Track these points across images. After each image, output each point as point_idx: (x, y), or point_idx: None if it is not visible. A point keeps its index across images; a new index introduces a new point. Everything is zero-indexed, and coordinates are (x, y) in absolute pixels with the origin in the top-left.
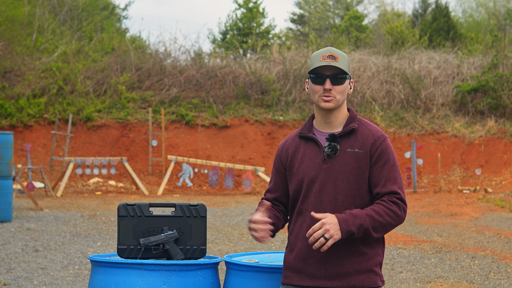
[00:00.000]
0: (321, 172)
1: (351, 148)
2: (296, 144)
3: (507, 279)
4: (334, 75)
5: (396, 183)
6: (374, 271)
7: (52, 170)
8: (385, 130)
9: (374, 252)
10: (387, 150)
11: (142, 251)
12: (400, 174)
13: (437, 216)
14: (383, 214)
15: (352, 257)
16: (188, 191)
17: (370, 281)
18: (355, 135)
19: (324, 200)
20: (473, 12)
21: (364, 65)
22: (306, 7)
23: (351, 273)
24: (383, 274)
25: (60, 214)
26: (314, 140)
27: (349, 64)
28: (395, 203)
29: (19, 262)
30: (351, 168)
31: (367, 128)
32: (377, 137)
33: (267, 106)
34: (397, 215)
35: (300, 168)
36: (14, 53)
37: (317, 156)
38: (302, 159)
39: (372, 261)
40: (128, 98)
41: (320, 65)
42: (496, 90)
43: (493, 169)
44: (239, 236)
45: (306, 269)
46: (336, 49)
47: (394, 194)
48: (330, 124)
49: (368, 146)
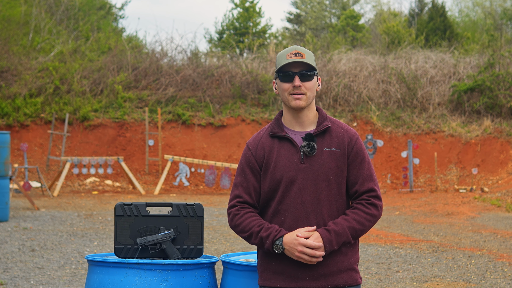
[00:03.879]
0: (300, 172)
1: (328, 147)
2: (269, 143)
3: (503, 279)
4: (302, 71)
5: (372, 180)
6: (355, 269)
7: (49, 169)
8: (382, 130)
9: (352, 250)
10: (362, 148)
11: (139, 250)
12: (374, 170)
13: (434, 215)
14: (364, 221)
15: (334, 257)
16: (185, 191)
17: (352, 279)
18: (330, 134)
19: (306, 201)
20: (470, 11)
21: (361, 65)
22: (303, 7)
23: (334, 273)
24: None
25: (56, 214)
26: (288, 140)
27: (315, 61)
28: (373, 204)
29: (16, 262)
30: (331, 168)
31: (339, 126)
32: (352, 136)
33: (263, 105)
34: (374, 217)
35: (277, 168)
36: (11, 53)
37: (294, 155)
38: (278, 159)
39: (352, 259)
40: (124, 98)
41: (287, 62)
42: (492, 90)
43: (490, 168)
44: (236, 236)
45: (288, 270)
46: (302, 47)
47: (371, 191)
48: (301, 123)
49: (344, 145)
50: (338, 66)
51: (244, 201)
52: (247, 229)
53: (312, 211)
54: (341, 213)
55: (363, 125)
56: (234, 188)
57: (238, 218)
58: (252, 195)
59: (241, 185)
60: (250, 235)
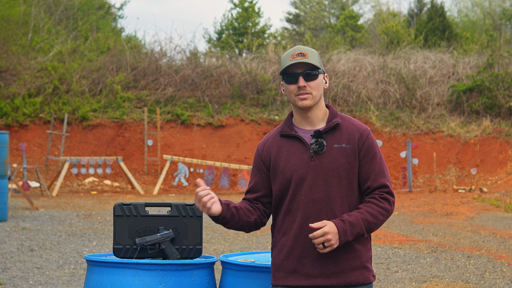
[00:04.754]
0: (310, 169)
1: (338, 143)
2: (278, 143)
3: (502, 279)
4: (306, 71)
5: (385, 176)
6: (367, 267)
7: (48, 169)
8: (381, 130)
9: (365, 248)
10: (373, 143)
11: (138, 250)
12: (386, 166)
13: (433, 215)
14: (377, 214)
15: (347, 254)
16: (184, 191)
17: (364, 277)
18: (340, 130)
19: (316, 198)
20: (469, 11)
21: (360, 65)
22: (302, 7)
23: (346, 270)
24: (378, 273)
25: (55, 214)
26: (298, 138)
27: (320, 59)
28: (385, 199)
29: (15, 262)
30: (341, 164)
31: (350, 122)
32: (362, 131)
33: (262, 105)
34: (388, 211)
35: (287, 167)
36: (10, 53)
37: (303, 153)
38: (288, 158)
39: (364, 257)
40: (123, 98)
41: (290, 63)
42: (491, 90)
43: (489, 168)
44: (235, 236)
45: (301, 268)
46: (305, 46)
47: (384, 187)
48: (311, 121)
49: (355, 141)
50: (337, 66)
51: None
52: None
53: (323, 208)
54: (353, 209)
55: None
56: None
57: None
58: (254, 193)
59: (249, 185)
60: None
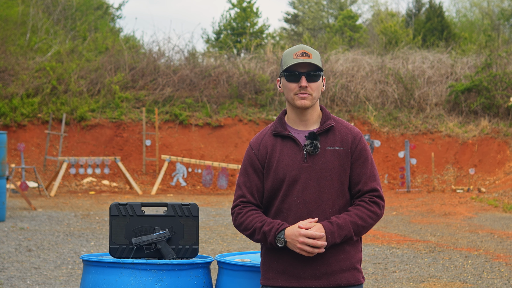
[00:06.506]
0: (303, 171)
1: (331, 146)
2: (272, 142)
3: (500, 279)
4: (309, 72)
5: (375, 180)
6: (357, 268)
7: (46, 169)
8: (379, 130)
9: (355, 249)
10: (365, 147)
11: (134, 250)
12: (377, 170)
13: (431, 215)
14: (366, 217)
15: (337, 256)
16: (182, 191)
17: (354, 278)
18: (333, 133)
19: (308, 200)
20: (467, 12)
21: (358, 65)
22: (300, 7)
23: (336, 272)
24: (376, 273)
25: (53, 214)
26: (291, 138)
27: (321, 61)
28: (375, 203)
29: (12, 262)
30: (334, 166)
31: (343, 125)
32: (355, 135)
33: (261, 105)
34: (377, 215)
35: (279, 167)
36: (8, 53)
37: (296, 154)
38: (280, 158)
39: (354, 258)
40: (121, 98)
41: (294, 62)
42: (489, 90)
43: (487, 168)
44: (233, 236)
45: (290, 269)
46: (308, 46)
47: (374, 191)
48: (305, 122)
49: (348, 144)
50: (336, 66)
51: (247, 201)
52: (250, 226)
53: (314, 210)
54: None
55: (360, 125)
56: (237, 188)
57: (241, 216)
58: (255, 195)
59: (244, 185)
60: (253, 232)
